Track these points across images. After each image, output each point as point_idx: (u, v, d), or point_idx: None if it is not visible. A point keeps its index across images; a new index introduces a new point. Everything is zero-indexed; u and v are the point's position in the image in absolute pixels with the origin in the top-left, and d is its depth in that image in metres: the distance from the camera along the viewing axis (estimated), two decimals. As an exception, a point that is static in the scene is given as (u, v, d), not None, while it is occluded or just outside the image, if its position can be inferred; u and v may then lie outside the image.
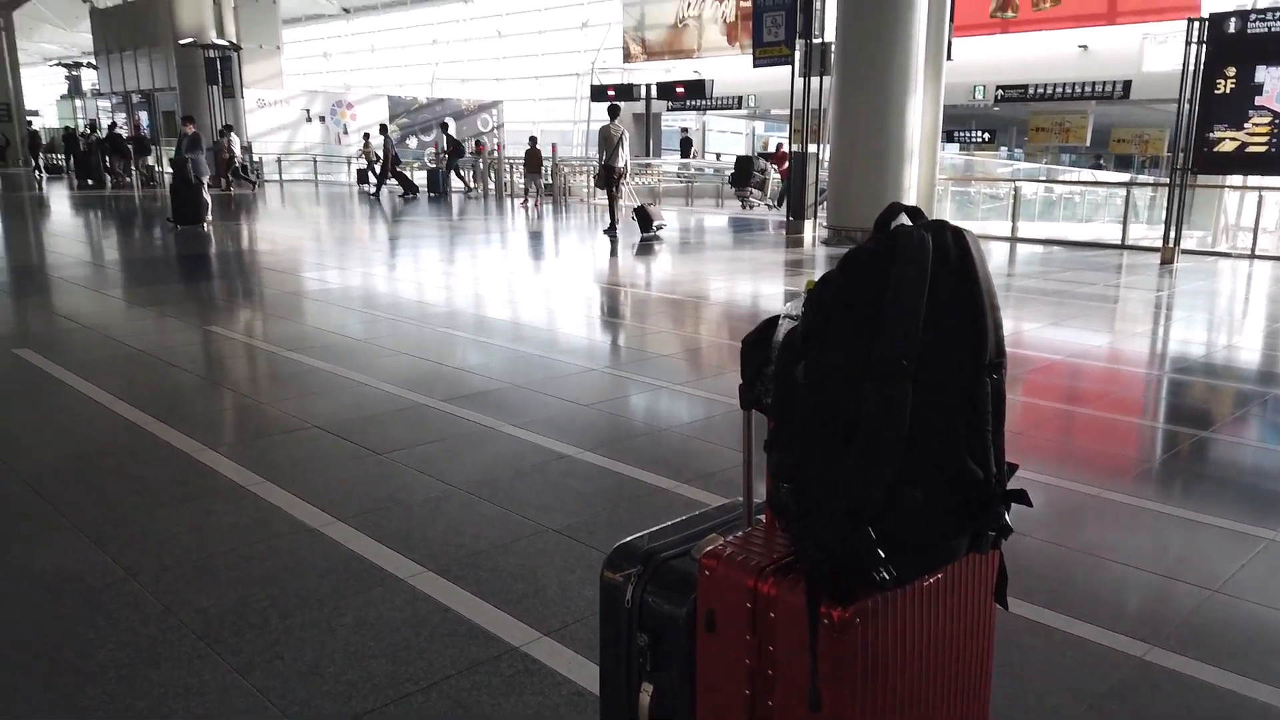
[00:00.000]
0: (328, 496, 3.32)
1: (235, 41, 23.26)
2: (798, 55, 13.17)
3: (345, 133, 29.61)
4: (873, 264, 1.19)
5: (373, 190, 20.52)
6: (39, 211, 17.18)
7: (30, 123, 31.58)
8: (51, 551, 2.87)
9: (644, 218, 12.45)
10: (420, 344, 6.04)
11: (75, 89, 40.40)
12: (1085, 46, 20.61)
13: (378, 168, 20.96)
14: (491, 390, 4.83)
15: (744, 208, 19.33)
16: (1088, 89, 20.36)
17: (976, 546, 1.30)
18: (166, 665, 2.24)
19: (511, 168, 21.54)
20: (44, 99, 46.71)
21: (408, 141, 30.04)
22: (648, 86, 27.40)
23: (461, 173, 21.99)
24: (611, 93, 27.22)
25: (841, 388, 1.17)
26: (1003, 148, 27.28)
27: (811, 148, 13.31)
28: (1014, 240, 12.51)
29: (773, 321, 1.39)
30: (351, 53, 42.90)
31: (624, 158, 12.64)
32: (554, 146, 20.20)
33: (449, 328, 6.67)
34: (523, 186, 19.99)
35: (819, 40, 12.89)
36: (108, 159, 23.74)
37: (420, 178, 22.24)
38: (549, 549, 2.92)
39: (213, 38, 22.55)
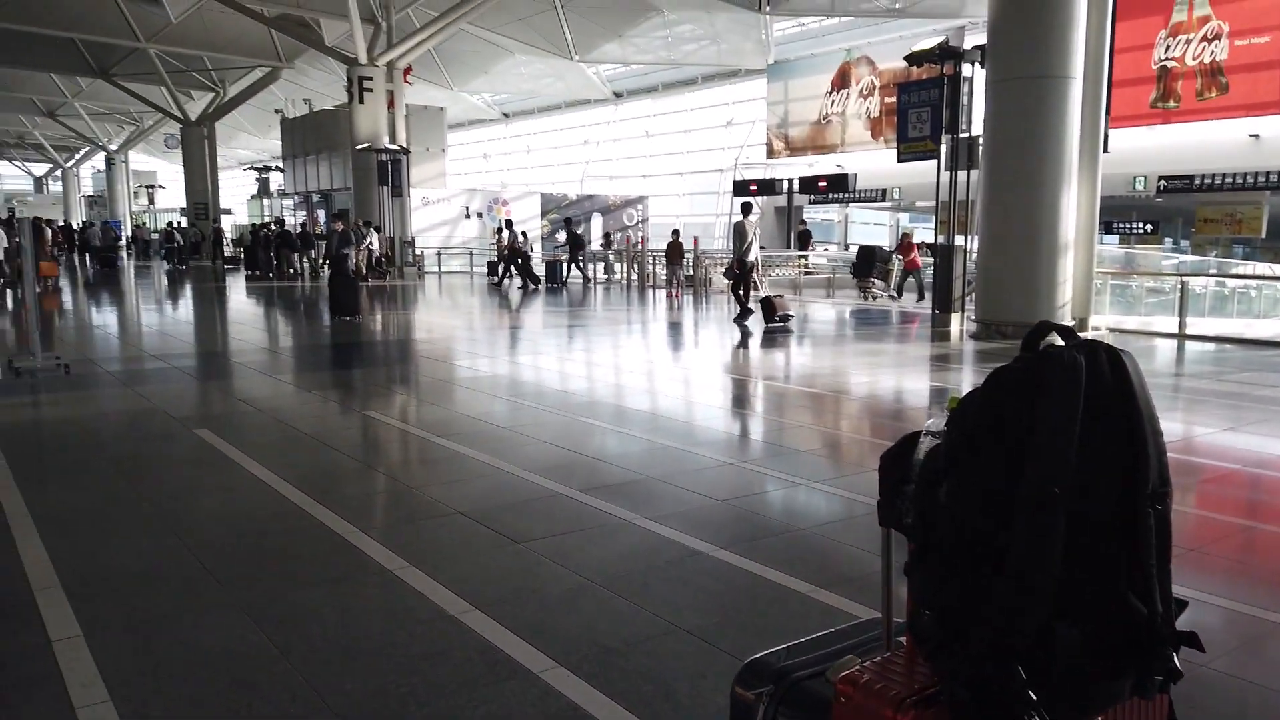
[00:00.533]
0: (467, 584, 3.40)
1: (405, 146, 25.09)
2: (943, 149, 13.05)
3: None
4: (1020, 385, 1.14)
5: (521, 284, 21.36)
6: (218, 300, 18.79)
7: (217, 220, 35.03)
8: (214, 627, 3.05)
9: (769, 308, 12.55)
10: (560, 432, 6.18)
11: (264, 189, 44.45)
12: (1257, 135, 19.51)
13: (519, 260, 21.87)
14: (627, 481, 4.87)
15: (865, 299, 19.04)
16: (1260, 179, 19.16)
17: (1141, 690, 1.19)
18: (310, 747, 2.32)
19: (654, 259, 22.10)
20: (237, 199, 51.81)
21: (558, 235, 31.31)
22: (790, 181, 27.75)
23: (582, 265, 22.85)
24: (754, 188, 27.69)
25: (988, 513, 1.12)
26: (1167, 239, 25.84)
27: (959, 240, 13.05)
28: (1182, 337, 11.72)
29: (913, 438, 1.35)
30: (509, 153, 45.64)
31: (755, 252, 13.23)
32: (695, 240, 20.56)
33: (588, 416, 6.80)
34: (665, 277, 20.43)
35: (965, 134, 12.75)
36: (275, 253, 26.01)
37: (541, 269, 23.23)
38: (681, 650, 2.87)
39: (386, 143, 24.40)
